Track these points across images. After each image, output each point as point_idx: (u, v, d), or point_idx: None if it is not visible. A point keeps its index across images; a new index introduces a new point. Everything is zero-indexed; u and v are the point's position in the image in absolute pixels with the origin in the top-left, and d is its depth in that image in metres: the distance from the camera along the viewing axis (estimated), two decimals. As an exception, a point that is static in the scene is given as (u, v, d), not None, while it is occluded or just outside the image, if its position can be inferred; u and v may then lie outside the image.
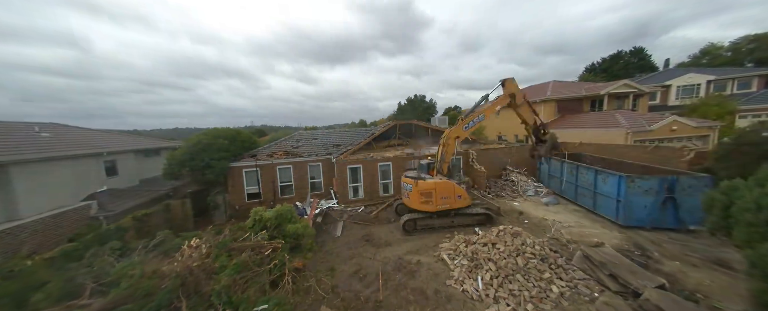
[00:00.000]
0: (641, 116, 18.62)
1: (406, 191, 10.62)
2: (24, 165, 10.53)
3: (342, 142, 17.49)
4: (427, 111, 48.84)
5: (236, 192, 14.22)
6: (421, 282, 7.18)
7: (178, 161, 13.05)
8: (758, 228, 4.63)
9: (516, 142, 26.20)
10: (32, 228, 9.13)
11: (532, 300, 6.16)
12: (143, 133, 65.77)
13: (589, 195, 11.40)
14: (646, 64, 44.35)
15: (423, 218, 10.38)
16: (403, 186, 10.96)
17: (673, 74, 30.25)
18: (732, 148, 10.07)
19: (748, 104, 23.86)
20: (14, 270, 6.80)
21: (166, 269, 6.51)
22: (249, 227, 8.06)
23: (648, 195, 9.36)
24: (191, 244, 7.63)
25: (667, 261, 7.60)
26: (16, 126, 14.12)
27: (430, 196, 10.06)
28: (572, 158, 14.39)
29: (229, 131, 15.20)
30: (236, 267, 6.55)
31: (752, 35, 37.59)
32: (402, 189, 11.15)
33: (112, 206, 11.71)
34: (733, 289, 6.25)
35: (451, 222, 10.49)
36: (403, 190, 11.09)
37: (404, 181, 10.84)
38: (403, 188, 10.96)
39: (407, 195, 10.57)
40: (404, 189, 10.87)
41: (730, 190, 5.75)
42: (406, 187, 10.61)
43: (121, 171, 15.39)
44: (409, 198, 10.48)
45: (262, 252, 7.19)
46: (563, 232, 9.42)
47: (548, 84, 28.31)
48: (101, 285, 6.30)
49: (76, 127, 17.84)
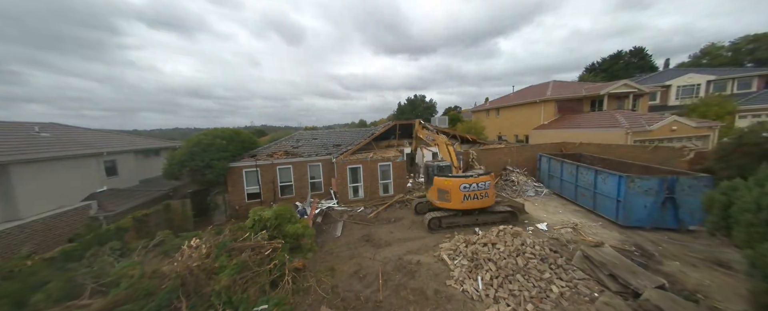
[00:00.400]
0: (641, 116, 18.61)
1: (480, 191, 9.88)
2: (24, 165, 10.53)
3: (342, 141, 17.50)
4: (427, 110, 48.93)
5: (236, 193, 14.22)
6: (421, 282, 7.18)
7: (178, 161, 13.05)
8: (758, 229, 4.62)
9: (516, 141, 26.25)
10: (32, 228, 9.14)
11: (532, 300, 6.15)
12: (143, 133, 65.78)
13: (589, 196, 11.40)
14: (646, 64, 44.39)
15: (448, 216, 10.18)
16: (470, 188, 9.89)
17: (673, 74, 30.27)
18: (732, 148, 10.06)
19: (748, 104, 23.89)
20: (14, 270, 6.79)
21: (166, 269, 6.51)
22: (249, 227, 8.06)
23: (648, 196, 9.36)
24: (191, 244, 7.63)
25: (667, 261, 7.60)
26: (16, 126, 14.13)
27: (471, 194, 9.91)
28: (572, 158, 14.41)
29: (228, 131, 15.20)
30: (236, 267, 6.55)
31: (752, 35, 37.60)
32: (460, 193, 9.94)
33: (112, 206, 11.70)
34: (733, 289, 6.25)
35: (475, 220, 10.30)
36: (468, 193, 9.91)
37: (475, 181, 9.90)
38: (471, 190, 9.89)
39: (482, 194, 9.91)
40: (473, 190, 9.89)
41: (730, 190, 5.75)
42: (481, 186, 9.91)
43: (121, 172, 15.39)
44: (487, 197, 9.99)
45: (262, 253, 7.19)
46: (563, 232, 9.42)
47: (548, 84, 28.36)
48: (101, 285, 6.30)
49: (76, 127, 17.86)
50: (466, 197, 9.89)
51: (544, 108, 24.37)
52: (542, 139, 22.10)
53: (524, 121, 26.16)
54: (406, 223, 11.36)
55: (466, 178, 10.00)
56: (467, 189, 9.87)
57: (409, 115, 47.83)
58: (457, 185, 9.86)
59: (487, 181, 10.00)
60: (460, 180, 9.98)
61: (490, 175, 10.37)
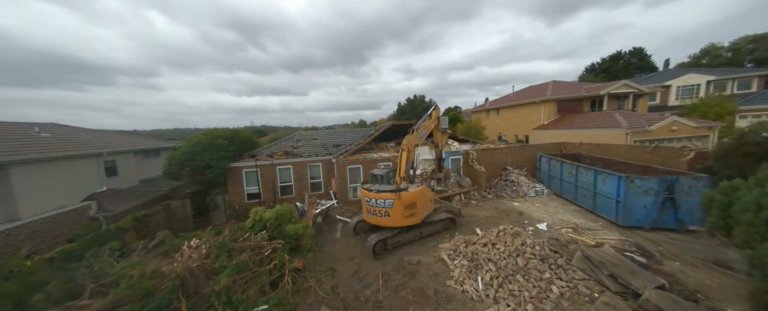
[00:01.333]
0: (641, 116, 18.62)
1: (378, 208, 8.71)
2: (24, 165, 10.52)
3: (342, 142, 17.50)
4: (427, 111, 48.87)
5: (236, 193, 14.22)
6: (420, 282, 7.18)
7: (178, 161, 13.04)
8: (758, 228, 4.62)
9: (516, 141, 26.25)
10: (32, 228, 9.13)
11: (532, 300, 6.15)
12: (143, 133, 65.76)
13: (589, 196, 11.40)
14: (646, 65, 44.38)
15: (392, 236, 8.92)
16: (371, 203, 8.83)
17: (672, 74, 30.30)
18: (732, 148, 10.06)
19: (748, 104, 23.88)
20: (14, 270, 6.79)
21: (165, 269, 6.50)
22: (249, 227, 8.05)
23: (647, 196, 9.36)
24: (191, 245, 7.62)
25: (667, 261, 7.60)
26: (16, 126, 14.12)
27: (414, 208, 8.76)
28: (572, 158, 14.41)
29: (228, 131, 15.20)
30: (236, 267, 6.55)
31: (752, 36, 37.61)
32: (365, 206, 9.14)
33: (112, 206, 11.70)
34: (732, 289, 6.25)
35: (420, 234, 9.45)
36: (369, 208, 8.94)
37: (375, 196, 8.73)
38: (371, 205, 8.84)
39: (383, 212, 8.65)
40: (373, 206, 8.80)
41: (730, 190, 5.75)
42: (380, 203, 8.63)
43: (121, 172, 15.40)
44: (388, 216, 8.60)
45: (262, 253, 7.18)
46: (563, 232, 9.42)
47: (548, 84, 28.36)
48: (101, 285, 6.30)
49: (76, 127, 17.86)
50: (369, 212, 9.01)
51: (544, 108, 24.37)
52: (542, 139, 22.09)
53: (524, 121, 26.16)
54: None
55: (369, 192, 8.93)
56: (369, 203, 8.93)
57: (409, 114, 47.78)
58: (364, 197, 9.09)
59: (390, 199, 8.50)
60: (365, 192, 9.07)
61: (417, 190, 8.99)
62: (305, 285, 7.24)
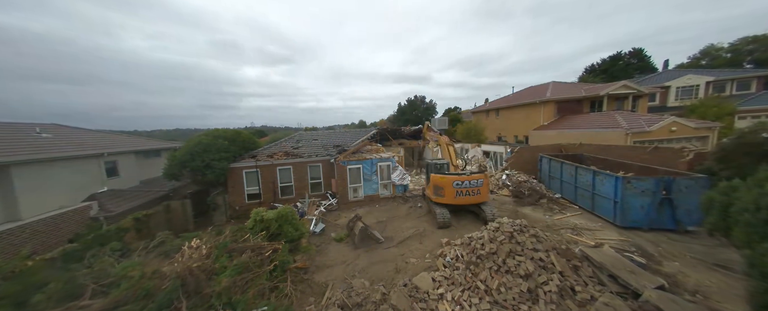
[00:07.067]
0: (640, 117, 18.64)
1: (471, 188, 10.30)
2: (25, 166, 10.55)
3: (342, 142, 17.53)
4: (427, 111, 48.94)
5: (236, 193, 14.24)
6: (420, 282, 7.18)
7: (179, 162, 13.07)
8: (757, 229, 4.63)
9: (516, 142, 26.27)
10: (33, 228, 9.14)
11: (530, 300, 6.16)
12: (144, 133, 65.80)
13: (588, 196, 11.42)
14: (645, 65, 44.41)
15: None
16: (464, 185, 10.28)
17: (672, 75, 30.31)
18: (732, 149, 10.07)
19: (748, 105, 23.91)
20: (15, 270, 6.80)
21: (166, 270, 6.53)
22: (249, 228, 8.08)
23: (644, 196, 9.36)
24: (191, 245, 7.65)
25: (666, 261, 7.61)
26: (17, 127, 14.15)
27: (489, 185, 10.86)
28: (573, 159, 14.42)
29: (228, 132, 15.23)
30: (236, 268, 6.57)
31: (751, 36, 37.66)
32: (453, 190, 10.30)
33: (113, 207, 11.72)
34: (732, 289, 6.26)
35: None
36: (461, 190, 10.30)
37: (468, 178, 10.33)
38: (465, 186, 10.29)
39: (475, 191, 10.36)
40: (466, 187, 10.29)
41: (730, 190, 5.77)
42: (473, 183, 10.28)
43: (122, 172, 15.42)
44: (479, 194, 10.41)
45: (263, 254, 7.20)
46: (563, 232, 9.43)
47: (548, 85, 28.39)
48: (102, 285, 6.31)
49: (77, 128, 17.88)
50: (459, 193, 10.41)
51: (543, 109, 24.40)
52: (542, 139, 22.12)
53: (524, 122, 26.19)
54: (408, 224, 11.37)
55: (459, 176, 10.51)
56: (460, 186, 10.38)
57: (409, 115, 47.88)
58: (451, 182, 10.35)
59: (480, 179, 10.47)
60: (453, 177, 10.47)
61: (483, 173, 10.91)
62: (305, 286, 7.24)
